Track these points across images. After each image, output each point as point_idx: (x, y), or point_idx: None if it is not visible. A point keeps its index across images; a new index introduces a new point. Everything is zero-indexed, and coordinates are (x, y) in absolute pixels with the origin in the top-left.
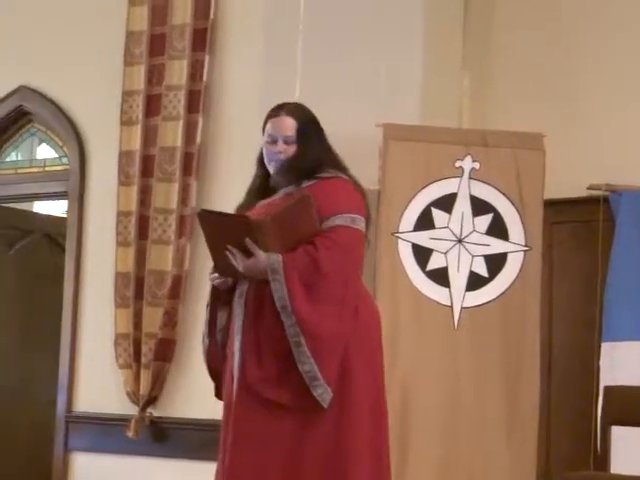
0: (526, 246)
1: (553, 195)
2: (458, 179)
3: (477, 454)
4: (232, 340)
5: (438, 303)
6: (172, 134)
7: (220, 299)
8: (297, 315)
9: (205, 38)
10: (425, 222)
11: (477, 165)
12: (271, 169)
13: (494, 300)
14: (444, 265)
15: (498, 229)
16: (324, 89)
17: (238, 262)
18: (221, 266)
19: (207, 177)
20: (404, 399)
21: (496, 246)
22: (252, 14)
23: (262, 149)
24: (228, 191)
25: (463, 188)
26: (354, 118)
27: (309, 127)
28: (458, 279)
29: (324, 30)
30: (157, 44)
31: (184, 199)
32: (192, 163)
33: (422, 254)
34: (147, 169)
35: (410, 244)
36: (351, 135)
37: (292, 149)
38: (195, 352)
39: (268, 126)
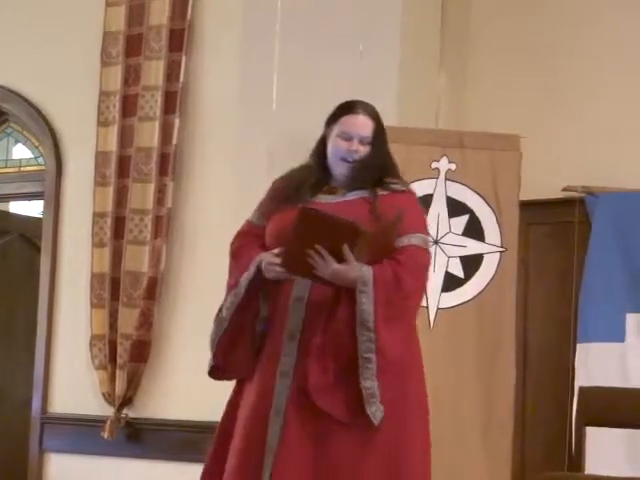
0: (502, 247)
1: (529, 196)
2: (434, 180)
3: (453, 453)
4: (275, 340)
5: None
6: (149, 135)
7: (263, 290)
8: (377, 333)
9: (182, 39)
10: None
11: (453, 166)
12: (339, 167)
13: (470, 301)
14: None
15: (474, 230)
16: (301, 90)
17: (326, 264)
18: (292, 262)
19: (183, 178)
20: None
21: (472, 247)
22: (229, 15)
23: (319, 142)
24: (204, 192)
25: (439, 189)
26: None
27: (383, 131)
28: (434, 280)
29: (301, 31)
30: (134, 44)
31: (160, 200)
32: (168, 164)
33: None
34: (123, 170)
35: None
36: None
37: (366, 150)
38: (171, 353)
39: (343, 122)
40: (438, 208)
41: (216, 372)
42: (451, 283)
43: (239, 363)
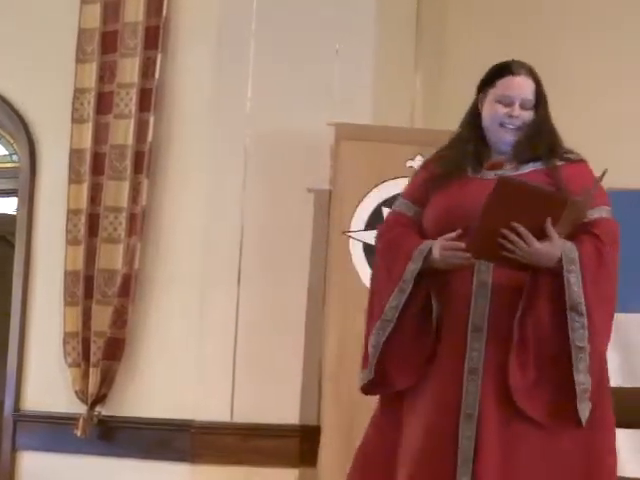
0: None
1: None
2: (409, 179)
3: None
4: (457, 335)
5: None
6: (123, 132)
7: (435, 282)
8: (590, 317)
9: (157, 36)
10: (376, 221)
11: None
12: (499, 134)
13: None
14: None
15: None
16: (276, 88)
17: (526, 245)
18: (482, 244)
19: (158, 175)
20: (354, 396)
21: None
22: (205, 13)
23: (471, 111)
24: (179, 190)
25: None
26: (306, 117)
27: (544, 93)
28: None
29: (276, 30)
30: (109, 42)
31: (135, 197)
32: (143, 161)
33: (373, 253)
34: (98, 167)
35: (361, 243)
36: (303, 134)
37: (528, 115)
38: (145, 351)
39: (500, 85)
40: None
41: (371, 386)
42: None
43: (406, 371)
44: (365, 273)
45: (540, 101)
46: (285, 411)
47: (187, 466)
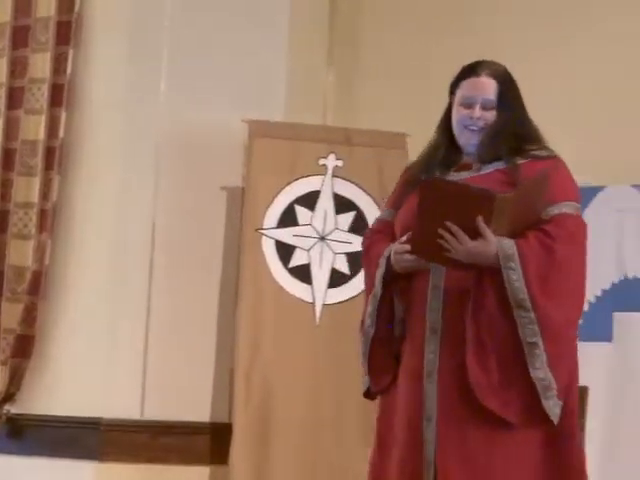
0: None
1: None
2: (322, 177)
3: (336, 447)
4: (417, 337)
5: (300, 300)
6: (34, 127)
7: (396, 286)
8: (538, 311)
9: (69, 31)
10: (289, 219)
11: (340, 163)
12: (463, 137)
13: (355, 297)
14: (307, 262)
15: (360, 227)
16: (190, 85)
17: (460, 244)
18: (422, 246)
19: (70, 172)
20: (266, 394)
21: (358, 244)
22: (118, 8)
23: (444, 114)
24: (91, 186)
25: (326, 186)
26: (219, 114)
27: (510, 91)
28: (320, 276)
29: (190, 26)
30: (20, 36)
31: (45, 194)
32: (54, 157)
33: (285, 251)
34: (8, 163)
35: (273, 240)
36: (216, 131)
37: (491, 115)
38: (55, 348)
39: (463, 87)
40: (325, 205)
41: (371, 391)
42: (337, 279)
43: (381, 374)
44: (277, 270)
45: (504, 101)
46: (196, 409)
47: (96, 464)
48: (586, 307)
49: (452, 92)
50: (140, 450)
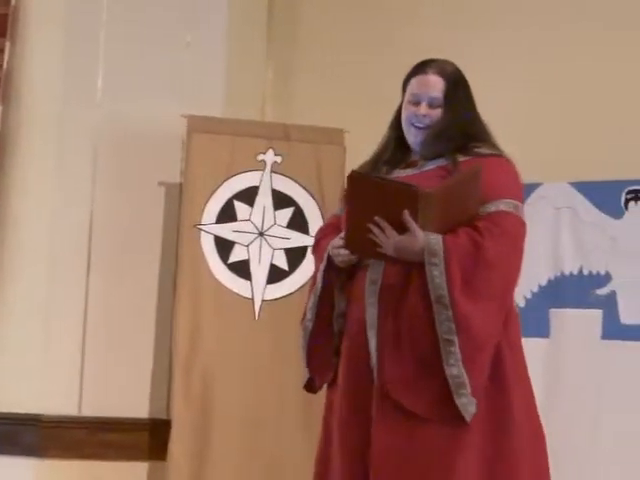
0: None
1: None
2: (260, 172)
3: (276, 445)
4: (356, 332)
5: (239, 295)
6: None
7: (338, 281)
8: (455, 309)
9: (6, 25)
10: (227, 215)
11: (279, 159)
12: (410, 135)
13: (294, 293)
14: (246, 258)
15: (299, 223)
16: (128, 80)
17: (387, 238)
18: (355, 241)
19: (7, 165)
20: (205, 390)
21: (296, 239)
22: (55, 2)
23: (396, 112)
24: (28, 180)
25: (265, 181)
26: (158, 109)
27: (458, 89)
28: (259, 272)
29: (128, 20)
30: None
31: None
32: None
33: (224, 246)
34: None
35: (212, 236)
36: (155, 126)
37: (437, 113)
38: None
39: (411, 84)
40: (263, 200)
41: (313, 385)
42: (276, 275)
43: (322, 369)
44: (216, 266)
45: (451, 100)
46: (134, 405)
47: (35, 461)
48: (523, 303)
49: (403, 90)
50: (79, 446)
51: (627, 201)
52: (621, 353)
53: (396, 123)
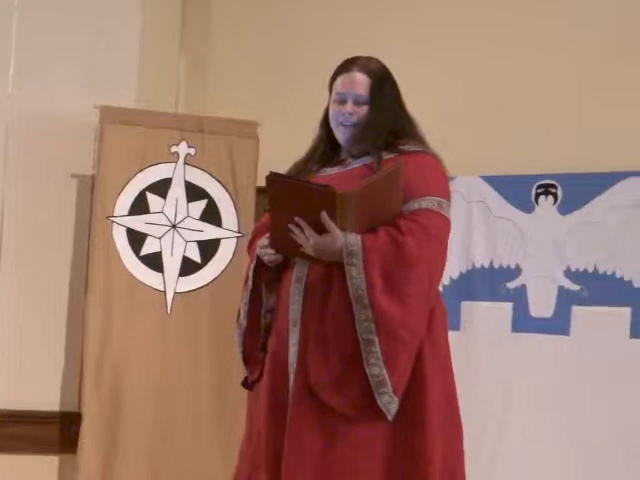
0: (239, 233)
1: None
2: (173, 164)
3: (187, 441)
4: (282, 330)
5: (152, 288)
6: None
7: (266, 278)
8: (374, 309)
9: None
10: (140, 207)
11: (192, 151)
12: (338, 133)
13: (207, 285)
14: (158, 250)
15: (212, 215)
16: (40, 69)
17: (307, 238)
18: (279, 241)
19: None
20: (116, 383)
21: (209, 232)
22: None
23: (325, 110)
24: None
25: (178, 173)
26: (70, 100)
27: (384, 86)
28: (172, 264)
29: (40, 9)
30: None
31: None
32: None
33: (137, 239)
34: None
35: (125, 228)
36: (67, 117)
37: (363, 111)
38: None
39: (337, 83)
40: (177, 192)
41: (246, 382)
42: (188, 267)
43: (253, 366)
44: (128, 259)
45: (376, 97)
46: (45, 397)
47: None
48: None
49: (330, 89)
50: None
51: (537, 195)
52: (531, 346)
53: (325, 122)
